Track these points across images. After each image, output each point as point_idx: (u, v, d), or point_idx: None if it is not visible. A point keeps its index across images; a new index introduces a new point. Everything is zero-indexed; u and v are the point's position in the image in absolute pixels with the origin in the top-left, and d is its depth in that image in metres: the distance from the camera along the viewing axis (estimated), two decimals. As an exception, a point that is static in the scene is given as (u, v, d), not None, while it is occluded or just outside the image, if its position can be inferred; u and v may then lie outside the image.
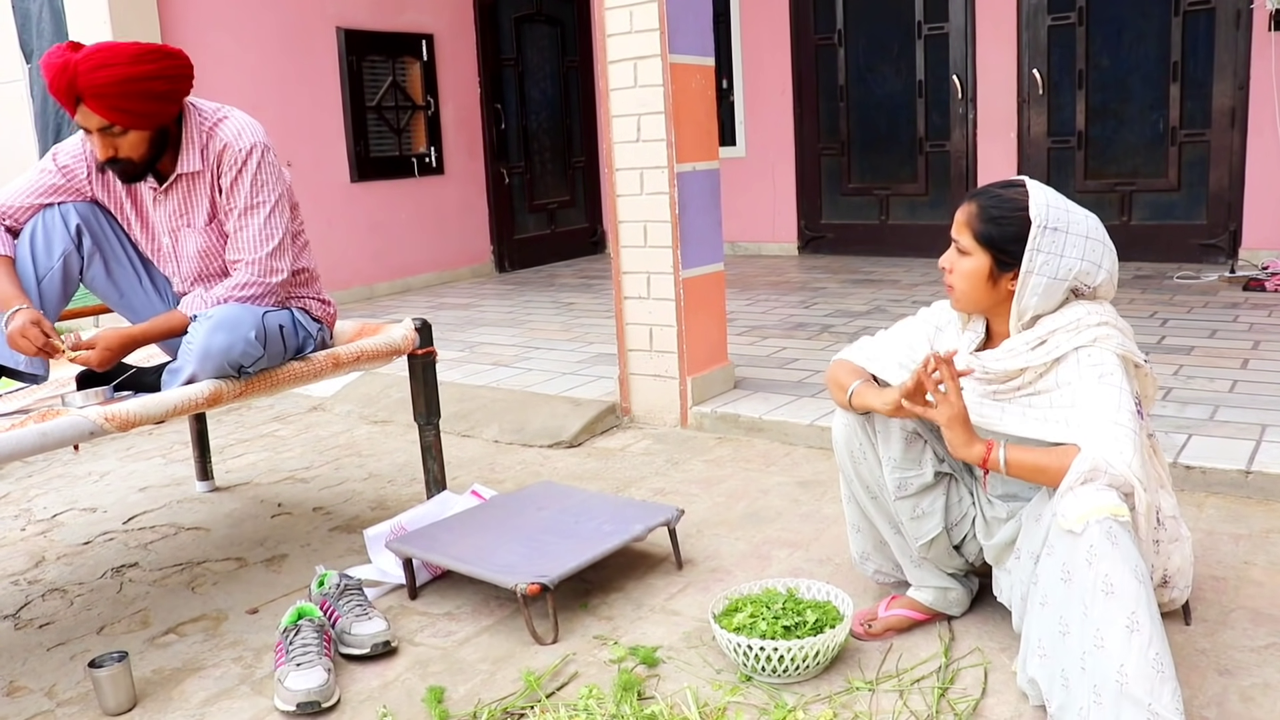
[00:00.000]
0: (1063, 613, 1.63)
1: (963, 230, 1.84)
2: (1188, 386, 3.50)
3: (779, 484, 3.02)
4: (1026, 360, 1.81)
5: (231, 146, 2.34)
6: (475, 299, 6.52)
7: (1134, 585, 1.56)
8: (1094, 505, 1.61)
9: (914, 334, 2.05)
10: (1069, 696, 1.61)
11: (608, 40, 3.54)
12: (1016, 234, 1.78)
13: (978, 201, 1.83)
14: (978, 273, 1.83)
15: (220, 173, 2.36)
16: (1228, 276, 5.55)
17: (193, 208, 2.41)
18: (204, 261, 2.45)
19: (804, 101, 7.48)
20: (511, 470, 3.31)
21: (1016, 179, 1.86)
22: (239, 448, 3.75)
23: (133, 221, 2.46)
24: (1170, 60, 6.13)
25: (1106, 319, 1.80)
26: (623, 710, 1.82)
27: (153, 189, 2.40)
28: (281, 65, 6.14)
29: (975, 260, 1.83)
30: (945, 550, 2.06)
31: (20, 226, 2.37)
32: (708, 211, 3.66)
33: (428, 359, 2.71)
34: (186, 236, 2.43)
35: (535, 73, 7.88)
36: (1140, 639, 1.54)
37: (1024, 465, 1.75)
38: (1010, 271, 1.81)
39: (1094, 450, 1.66)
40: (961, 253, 1.85)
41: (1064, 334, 1.79)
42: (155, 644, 2.24)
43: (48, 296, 2.34)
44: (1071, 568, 1.61)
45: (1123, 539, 1.59)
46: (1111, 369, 1.75)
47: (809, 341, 4.60)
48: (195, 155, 2.35)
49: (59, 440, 2.00)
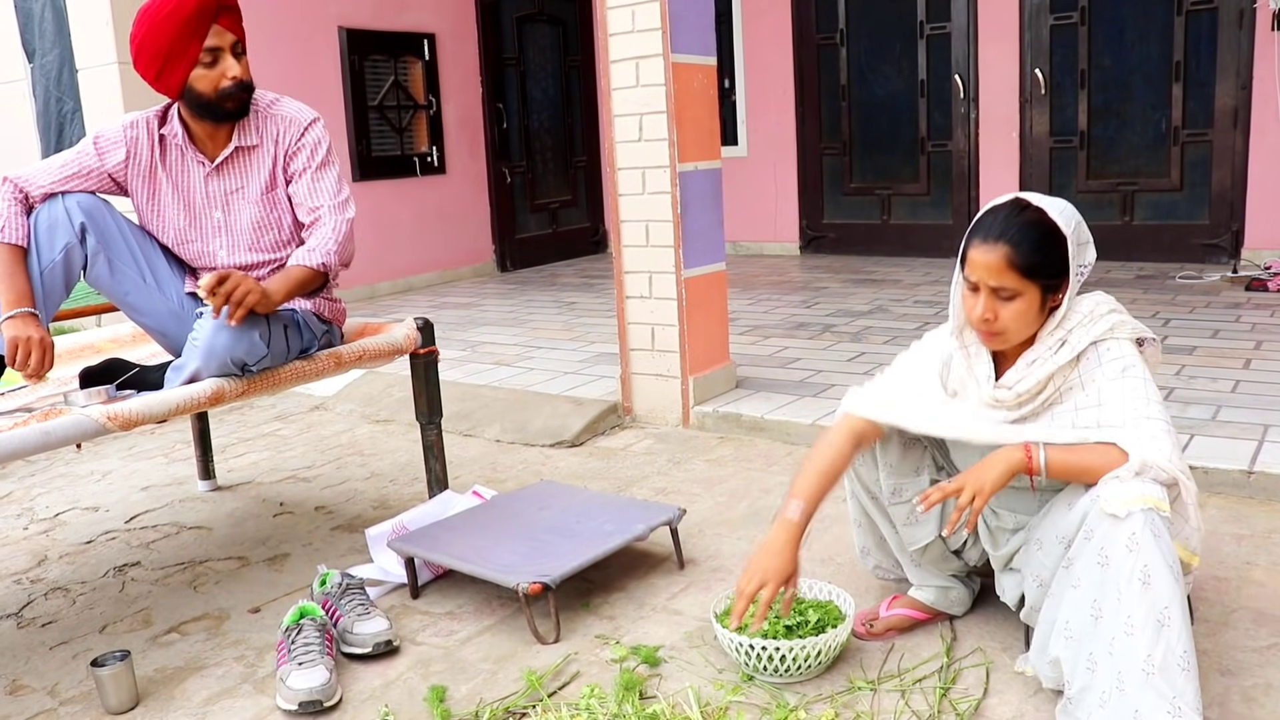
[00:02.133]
0: (1097, 596, 1.62)
1: (1003, 274, 1.73)
2: (1190, 387, 3.49)
3: (781, 483, 3.02)
4: (1054, 363, 1.77)
5: (296, 119, 2.49)
6: (477, 298, 6.52)
7: (1170, 580, 1.57)
8: (1139, 494, 1.61)
9: (926, 378, 1.93)
10: (1093, 679, 1.61)
11: (610, 39, 3.54)
12: (1056, 254, 1.73)
13: (1008, 240, 1.72)
14: (1031, 308, 1.75)
15: (286, 144, 2.48)
16: (1230, 276, 5.55)
17: (250, 180, 2.48)
18: (257, 233, 2.50)
19: (806, 101, 7.48)
20: (513, 469, 3.31)
21: (1013, 201, 1.78)
22: (241, 447, 3.75)
23: (168, 204, 2.48)
24: (1173, 60, 6.12)
25: (1113, 306, 1.81)
26: (624, 710, 1.82)
27: (203, 165, 2.46)
28: (283, 64, 6.14)
29: (1026, 298, 1.74)
30: (940, 556, 2.06)
31: (45, 199, 2.38)
32: (709, 211, 3.66)
33: (430, 358, 2.71)
34: (240, 209, 2.48)
35: (537, 72, 7.88)
36: (1170, 634, 1.55)
37: (1066, 465, 1.72)
38: (1054, 291, 1.76)
39: (1138, 450, 1.65)
40: (1006, 298, 1.74)
41: (1081, 329, 1.77)
42: (157, 643, 2.24)
43: (49, 288, 2.33)
44: (1110, 553, 1.61)
45: (1164, 533, 1.60)
46: (1132, 360, 1.75)
47: (811, 341, 4.60)
48: (252, 130, 2.46)
49: (61, 439, 2.00)
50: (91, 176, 2.42)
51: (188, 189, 2.48)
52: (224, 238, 2.50)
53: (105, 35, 5.50)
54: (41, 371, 2.18)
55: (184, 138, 2.44)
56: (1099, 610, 1.62)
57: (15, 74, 6.28)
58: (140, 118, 2.45)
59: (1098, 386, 1.75)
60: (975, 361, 1.87)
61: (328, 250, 2.40)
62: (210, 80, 2.33)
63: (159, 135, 2.45)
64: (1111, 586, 1.60)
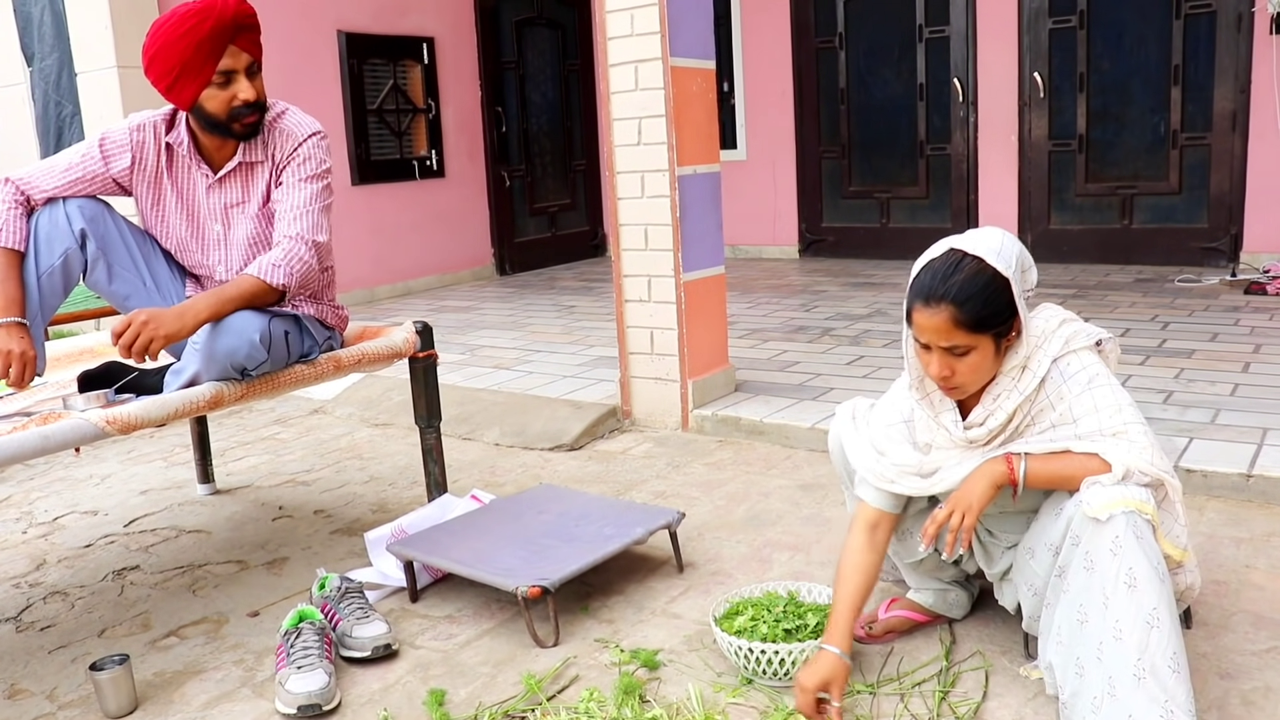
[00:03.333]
0: (1083, 600, 1.63)
1: (953, 335, 1.68)
2: (1189, 390, 3.49)
3: (780, 487, 3.02)
4: (1019, 394, 1.75)
5: (294, 133, 2.43)
6: (476, 302, 6.52)
7: (1156, 582, 1.57)
8: (1120, 497, 1.61)
9: (896, 449, 1.89)
10: (1082, 684, 1.61)
11: (608, 43, 3.54)
12: (1004, 301, 1.69)
13: (949, 301, 1.67)
14: (986, 358, 1.72)
15: (280, 158, 2.43)
16: (1229, 280, 5.55)
17: (250, 196, 2.45)
18: (252, 249, 2.47)
19: (805, 104, 7.49)
20: (512, 473, 3.31)
21: (947, 254, 1.71)
22: (240, 450, 3.75)
23: (172, 211, 2.46)
24: (1171, 63, 6.13)
25: (1063, 316, 1.80)
26: (624, 713, 1.82)
27: (206, 176, 2.43)
28: (282, 68, 6.14)
29: (980, 350, 1.71)
30: (936, 565, 2.06)
31: (47, 201, 2.37)
32: (708, 214, 3.66)
33: (429, 362, 2.71)
34: (239, 222, 2.45)
35: (536, 76, 7.89)
36: (1160, 635, 1.55)
37: (1048, 472, 1.72)
38: (1007, 335, 1.73)
39: (1120, 460, 1.66)
40: (960, 354, 1.71)
41: (1039, 351, 1.76)
42: (156, 647, 2.24)
43: (46, 294, 2.33)
44: (1095, 557, 1.61)
45: (1147, 535, 1.60)
46: (1095, 370, 1.75)
47: (810, 344, 4.60)
48: (259, 145, 2.42)
49: (60, 443, 2.00)
50: (95, 181, 2.40)
51: (191, 199, 2.46)
52: (221, 251, 2.49)
53: (105, 39, 5.50)
54: (23, 383, 2.18)
55: (189, 147, 2.41)
56: (1085, 615, 1.62)
57: (14, 78, 6.28)
58: (148, 120, 2.43)
59: (1067, 404, 1.74)
60: (940, 409, 1.84)
61: (290, 270, 2.31)
62: (222, 101, 2.30)
63: (165, 143, 2.43)
64: (1097, 591, 1.60)
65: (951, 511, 1.75)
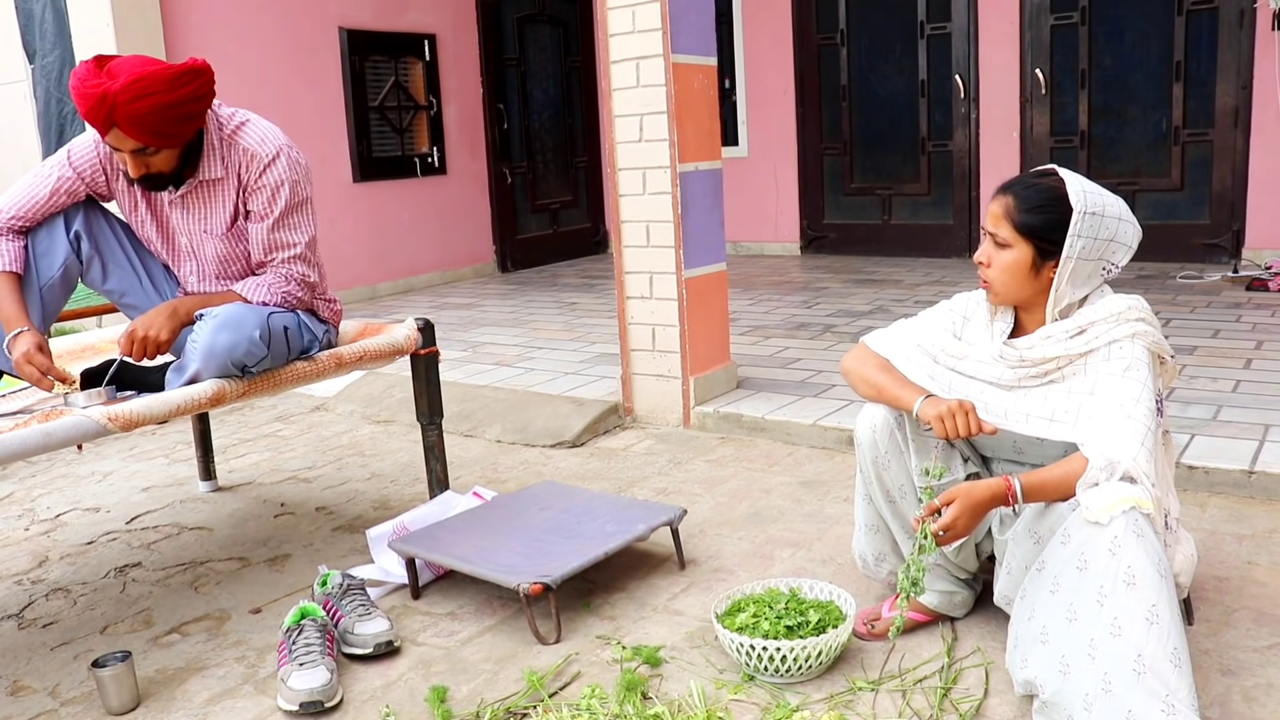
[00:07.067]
0: (1073, 600, 1.62)
1: (1000, 223, 1.82)
2: (1191, 386, 3.49)
3: (782, 484, 3.02)
4: (1065, 348, 1.81)
5: (258, 154, 2.36)
6: (478, 299, 6.52)
7: (1156, 578, 1.57)
8: (1119, 497, 1.62)
9: (935, 328, 2.01)
10: (1065, 683, 1.60)
11: (610, 40, 3.54)
12: (1058, 221, 1.78)
13: (1014, 192, 1.82)
14: (1020, 264, 1.82)
15: (246, 180, 2.38)
16: (1231, 276, 5.55)
17: (212, 214, 2.42)
18: (223, 265, 2.48)
19: (806, 101, 7.48)
20: (514, 470, 3.31)
21: (1047, 168, 1.85)
22: (242, 447, 3.75)
23: (147, 222, 2.46)
24: (1173, 60, 6.12)
25: (1144, 315, 1.82)
26: (625, 710, 1.82)
27: (169, 191, 2.40)
28: (284, 66, 6.15)
29: (1016, 252, 1.82)
30: (970, 552, 2.05)
31: (33, 225, 2.36)
32: (710, 211, 3.66)
33: (430, 359, 2.71)
34: (204, 242, 2.44)
35: (538, 73, 7.88)
36: (1160, 631, 1.54)
37: (1041, 488, 1.76)
38: (1052, 260, 1.80)
39: (1100, 449, 1.66)
40: (1000, 245, 1.83)
41: (1104, 325, 1.80)
42: (158, 643, 2.24)
43: (48, 303, 2.36)
44: (1090, 557, 1.61)
45: (1147, 532, 1.60)
46: (1139, 364, 1.76)
47: (811, 341, 4.60)
48: (216, 162, 2.37)
49: (63, 440, 2.00)
50: (75, 194, 2.38)
51: (159, 210, 2.45)
52: (192, 264, 2.49)
53: (106, 36, 5.49)
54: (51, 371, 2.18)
55: None
56: (1074, 613, 1.62)
57: (16, 75, 6.28)
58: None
59: (1097, 378, 1.78)
60: (999, 317, 1.94)
61: (278, 303, 2.40)
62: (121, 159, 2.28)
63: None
64: (1091, 590, 1.60)
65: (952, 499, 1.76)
